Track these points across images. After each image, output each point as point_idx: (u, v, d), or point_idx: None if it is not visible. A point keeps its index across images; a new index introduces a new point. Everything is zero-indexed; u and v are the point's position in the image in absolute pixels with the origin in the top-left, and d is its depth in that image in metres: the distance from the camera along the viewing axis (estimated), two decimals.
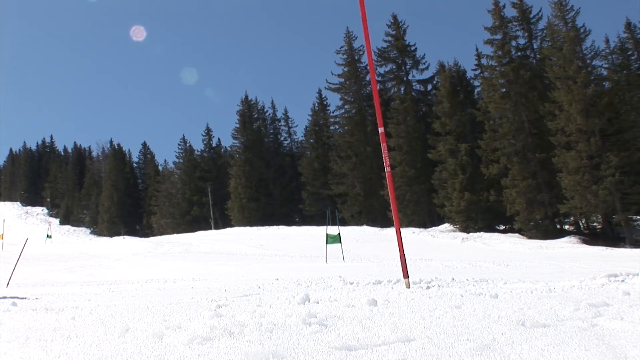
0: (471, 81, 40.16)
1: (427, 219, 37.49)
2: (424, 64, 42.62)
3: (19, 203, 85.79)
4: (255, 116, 54.41)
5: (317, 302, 3.23)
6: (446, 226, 34.64)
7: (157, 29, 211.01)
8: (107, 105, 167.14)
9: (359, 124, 43.29)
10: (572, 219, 31.96)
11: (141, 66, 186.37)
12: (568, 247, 23.32)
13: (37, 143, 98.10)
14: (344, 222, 37.53)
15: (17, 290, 7.35)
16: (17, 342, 2.20)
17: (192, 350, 1.88)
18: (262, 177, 50.30)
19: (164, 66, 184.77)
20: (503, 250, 22.66)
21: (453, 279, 5.83)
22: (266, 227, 37.44)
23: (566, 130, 27.49)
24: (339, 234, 16.81)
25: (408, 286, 4.66)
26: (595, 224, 32.31)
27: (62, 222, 72.86)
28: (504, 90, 32.39)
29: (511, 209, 30.50)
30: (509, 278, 5.99)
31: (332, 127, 48.49)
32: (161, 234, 51.19)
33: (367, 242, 25.20)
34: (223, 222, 52.05)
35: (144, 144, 77.77)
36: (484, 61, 36.30)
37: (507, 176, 30.60)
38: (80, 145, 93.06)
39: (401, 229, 5.03)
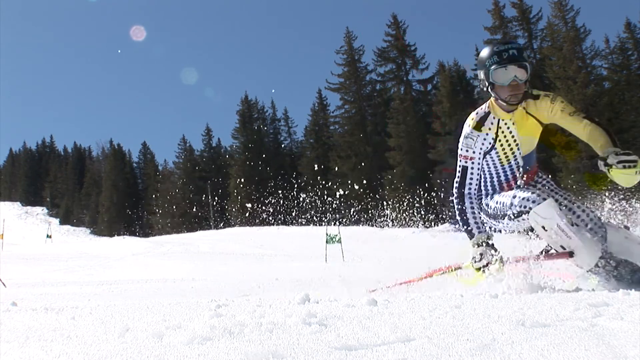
0: (471, 81, 40.20)
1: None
2: (424, 64, 42.71)
3: (18, 203, 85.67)
4: (255, 116, 54.44)
5: (317, 302, 3.23)
6: (446, 226, 34.63)
7: (157, 29, 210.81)
8: (107, 105, 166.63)
9: (358, 123, 43.34)
10: None
11: (141, 66, 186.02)
12: None
13: (37, 143, 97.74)
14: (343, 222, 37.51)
15: (17, 290, 7.36)
16: (17, 342, 2.19)
17: (192, 350, 1.87)
18: (262, 177, 50.31)
19: (164, 66, 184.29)
20: (503, 250, 22.63)
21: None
22: (266, 227, 37.43)
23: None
24: (338, 233, 16.82)
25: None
26: None
27: (62, 222, 72.83)
28: None
29: None
30: None
31: (332, 127, 48.56)
32: (161, 234, 51.18)
33: (367, 242, 25.18)
34: (223, 222, 52.04)
35: (144, 144, 77.67)
36: None
37: None
38: (80, 145, 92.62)
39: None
